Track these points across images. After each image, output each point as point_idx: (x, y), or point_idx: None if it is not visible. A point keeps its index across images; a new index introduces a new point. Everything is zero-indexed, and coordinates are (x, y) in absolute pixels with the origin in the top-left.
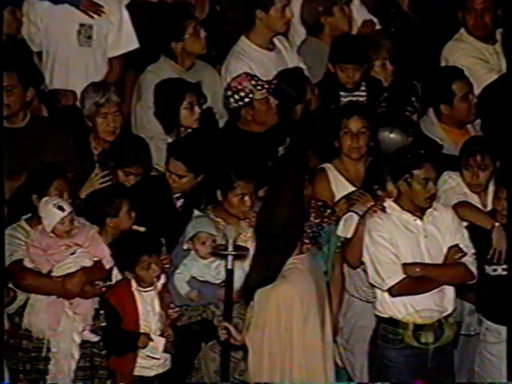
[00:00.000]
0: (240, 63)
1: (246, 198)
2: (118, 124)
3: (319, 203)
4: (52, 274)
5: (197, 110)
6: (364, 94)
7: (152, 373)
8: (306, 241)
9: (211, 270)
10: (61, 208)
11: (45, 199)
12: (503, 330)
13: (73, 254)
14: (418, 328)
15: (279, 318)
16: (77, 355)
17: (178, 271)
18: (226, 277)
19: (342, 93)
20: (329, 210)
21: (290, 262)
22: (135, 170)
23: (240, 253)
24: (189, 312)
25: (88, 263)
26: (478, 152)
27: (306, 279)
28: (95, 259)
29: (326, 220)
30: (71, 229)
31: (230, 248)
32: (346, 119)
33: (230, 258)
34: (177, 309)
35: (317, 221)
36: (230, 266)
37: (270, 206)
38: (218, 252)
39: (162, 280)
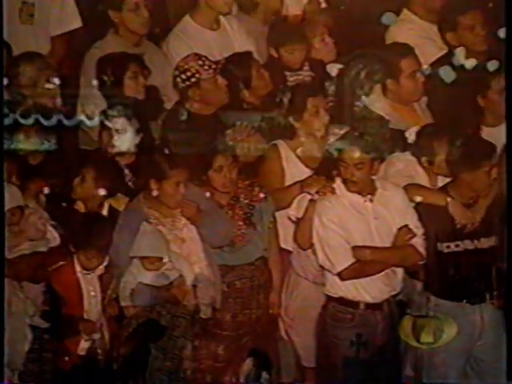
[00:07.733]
0: (178, 42)
1: (181, 186)
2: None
3: (246, 182)
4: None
5: (142, 80)
6: (309, 73)
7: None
8: (240, 223)
9: (159, 277)
10: None
11: None
12: (452, 306)
13: (32, 240)
14: (368, 307)
15: None
16: (30, 337)
17: (124, 279)
18: None
19: (287, 73)
20: (257, 188)
21: None
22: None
23: None
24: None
25: (43, 249)
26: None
27: None
28: (50, 245)
29: (255, 199)
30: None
31: None
32: (311, 98)
33: None
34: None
35: (246, 201)
36: None
37: None
38: None
39: (105, 263)
